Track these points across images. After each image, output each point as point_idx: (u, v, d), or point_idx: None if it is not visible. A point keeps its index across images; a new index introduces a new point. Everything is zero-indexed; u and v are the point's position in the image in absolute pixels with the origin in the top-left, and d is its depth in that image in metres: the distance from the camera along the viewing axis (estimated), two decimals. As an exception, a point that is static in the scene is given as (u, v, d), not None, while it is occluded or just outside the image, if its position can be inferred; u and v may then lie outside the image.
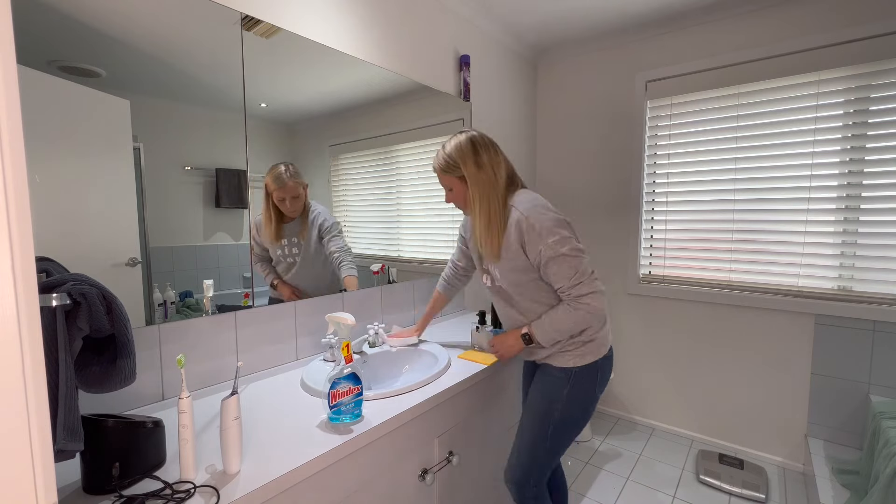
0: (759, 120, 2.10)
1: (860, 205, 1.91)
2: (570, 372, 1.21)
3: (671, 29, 2.27)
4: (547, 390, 1.24)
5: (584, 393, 1.22)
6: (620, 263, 2.56)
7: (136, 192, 1.05)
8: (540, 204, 1.18)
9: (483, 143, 1.21)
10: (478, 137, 1.22)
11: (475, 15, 2.13)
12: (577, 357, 1.21)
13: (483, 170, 1.19)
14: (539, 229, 1.13)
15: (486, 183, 1.19)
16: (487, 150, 1.21)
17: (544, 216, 1.14)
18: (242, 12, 1.23)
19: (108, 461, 0.74)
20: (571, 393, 1.21)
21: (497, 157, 1.22)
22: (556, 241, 1.12)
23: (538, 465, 1.25)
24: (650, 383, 2.54)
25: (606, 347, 1.24)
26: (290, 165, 1.39)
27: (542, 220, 1.14)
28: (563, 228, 1.14)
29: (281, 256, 1.41)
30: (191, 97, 1.14)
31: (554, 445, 1.24)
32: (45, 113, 0.90)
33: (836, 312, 1.96)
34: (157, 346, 1.10)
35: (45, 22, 0.90)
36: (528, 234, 1.14)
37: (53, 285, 0.70)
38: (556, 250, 1.12)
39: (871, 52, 1.83)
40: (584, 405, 1.24)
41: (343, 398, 0.98)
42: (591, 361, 1.21)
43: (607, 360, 1.25)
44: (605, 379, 1.26)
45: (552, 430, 1.22)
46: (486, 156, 1.20)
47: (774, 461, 2.17)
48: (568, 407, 1.21)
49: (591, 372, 1.22)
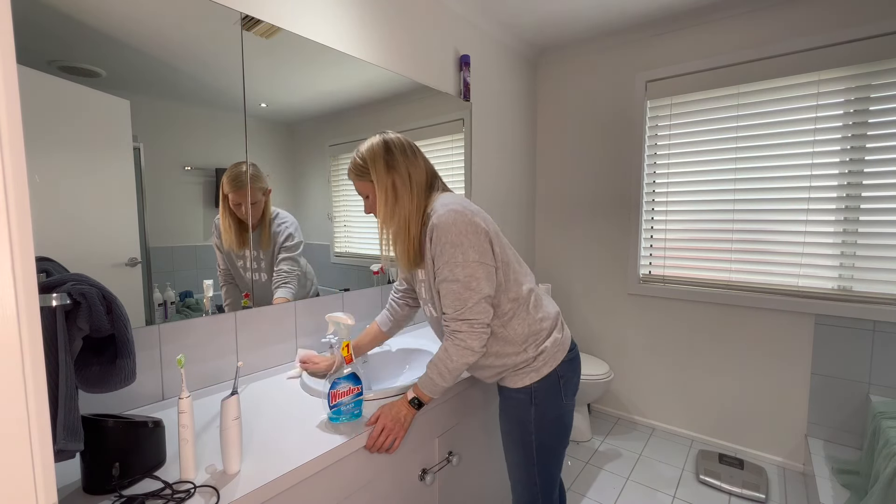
0: (759, 120, 2.10)
1: (860, 205, 1.91)
2: (530, 390, 1.10)
3: (671, 29, 2.27)
4: (514, 416, 1.14)
5: (554, 407, 1.12)
6: (620, 263, 2.56)
7: (136, 192, 1.06)
8: (454, 204, 1.02)
9: (398, 144, 1.07)
10: (392, 138, 1.08)
11: (475, 15, 2.13)
12: (532, 372, 1.10)
13: (395, 171, 1.05)
14: (444, 242, 0.99)
15: (399, 186, 1.05)
16: (403, 151, 1.07)
17: (453, 222, 0.99)
18: (242, 12, 1.23)
19: (108, 461, 0.74)
20: (539, 411, 1.11)
21: (415, 158, 1.08)
22: (457, 262, 0.98)
23: (540, 491, 1.17)
24: (650, 383, 2.54)
25: (564, 350, 1.13)
26: (252, 165, 1.27)
27: (447, 227, 0.99)
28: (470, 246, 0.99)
29: (243, 269, 1.27)
30: (191, 97, 1.14)
31: (545, 468, 1.16)
32: (45, 113, 0.90)
33: (836, 312, 1.96)
34: (157, 346, 1.10)
35: (45, 22, 0.90)
36: (434, 242, 1.01)
37: (53, 285, 0.70)
38: (452, 273, 0.98)
39: (871, 52, 1.83)
40: (559, 419, 1.14)
41: (343, 398, 0.98)
42: (549, 372, 1.10)
43: (568, 364, 1.14)
44: (571, 383, 1.15)
45: (537, 455, 1.14)
46: (402, 157, 1.06)
47: (774, 461, 2.17)
48: (542, 426, 1.12)
49: (552, 382, 1.11)
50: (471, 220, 1.01)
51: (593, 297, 2.69)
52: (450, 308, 1.01)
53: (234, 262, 1.26)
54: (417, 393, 1.05)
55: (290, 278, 1.40)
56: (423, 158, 1.11)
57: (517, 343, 1.09)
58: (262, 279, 1.33)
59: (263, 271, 1.33)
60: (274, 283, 1.36)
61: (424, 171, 1.10)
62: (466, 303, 0.99)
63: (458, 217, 1.00)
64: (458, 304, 1.00)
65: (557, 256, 2.81)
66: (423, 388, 1.04)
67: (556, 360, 1.12)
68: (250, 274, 1.30)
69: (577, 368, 1.19)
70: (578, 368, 1.19)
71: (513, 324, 1.08)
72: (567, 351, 1.15)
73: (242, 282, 1.28)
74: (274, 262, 1.35)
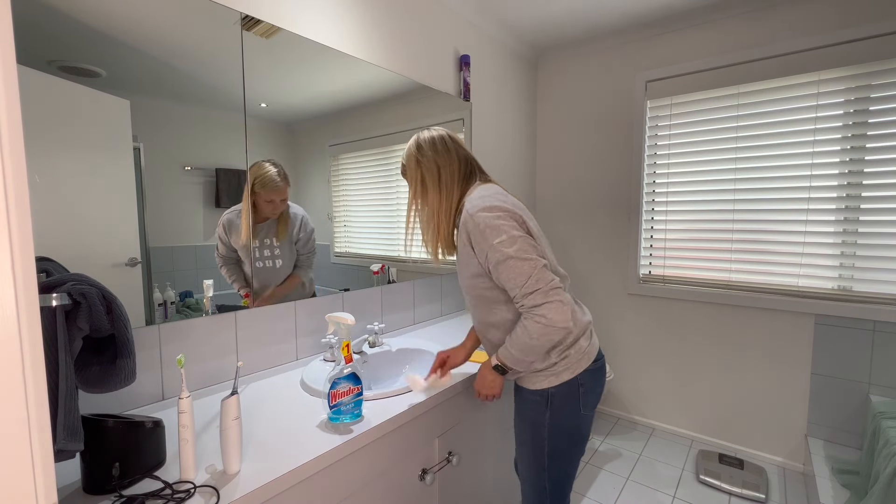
0: (759, 120, 2.10)
1: (860, 205, 1.91)
2: (547, 394, 1.08)
3: (671, 29, 2.27)
4: (528, 417, 1.13)
5: (570, 415, 1.09)
6: (620, 263, 2.56)
7: (136, 192, 1.05)
8: (489, 197, 1.04)
9: (428, 140, 1.13)
10: (424, 136, 1.15)
11: (475, 15, 2.13)
12: (551, 376, 1.07)
13: (423, 167, 1.12)
14: (483, 228, 1.00)
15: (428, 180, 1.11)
16: (433, 146, 1.12)
17: (490, 212, 1.00)
18: (242, 12, 1.23)
19: (108, 461, 0.74)
20: (553, 417, 1.08)
21: (446, 153, 1.12)
22: (502, 241, 0.98)
23: (549, 496, 1.14)
24: (650, 383, 2.54)
25: (589, 360, 1.10)
26: (279, 166, 1.35)
27: (486, 217, 1.00)
28: (509, 225, 1.00)
29: (257, 259, 1.32)
30: (191, 97, 1.14)
31: (555, 474, 1.13)
32: (45, 113, 0.90)
33: (836, 312, 1.96)
34: (157, 346, 1.10)
35: (45, 22, 0.90)
36: (474, 234, 1.02)
37: (53, 285, 0.70)
38: (502, 252, 0.98)
39: (871, 52, 1.83)
40: (574, 428, 1.11)
41: (343, 398, 0.98)
42: (569, 378, 1.07)
43: (592, 374, 1.10)
44: (592, 394, 1.12)
45: (548, 461, 1.11)
46: (431, 152, 1.12)
47: (774, 461, 2.17)
48: (555, 432, 1.09)
49: (572, 389, 1.08)
50: (503, 208, 1.02)
51: (593, 297, 2.68)
52: (515, 287, 0.98)
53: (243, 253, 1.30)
54: (500, 361, 1.06)
55: (311, 261, 1.51)
56: (457, 150, 1.16)
57: None
58: (277, 265, 1.39)
59: (279, 258, 1.39)
60: (296, 264, 1.45)
61: (457, 163, 1.14)
62: (530, 274, 0.96)
63: (492, 205, 1.02)
64: (522, 278, 0.97)
65: (558, 256, 2.80)
66: (505, 359, 1.05)
67: (580, 367, 1.08)
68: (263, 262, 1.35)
69: (601, 379, 1.15)
70: (602, 379, 1.15)
71: None
72: (592, 360, 1.11)
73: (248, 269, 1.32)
74: (291, 247, 1.43)
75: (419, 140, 1.15)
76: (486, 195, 1.05)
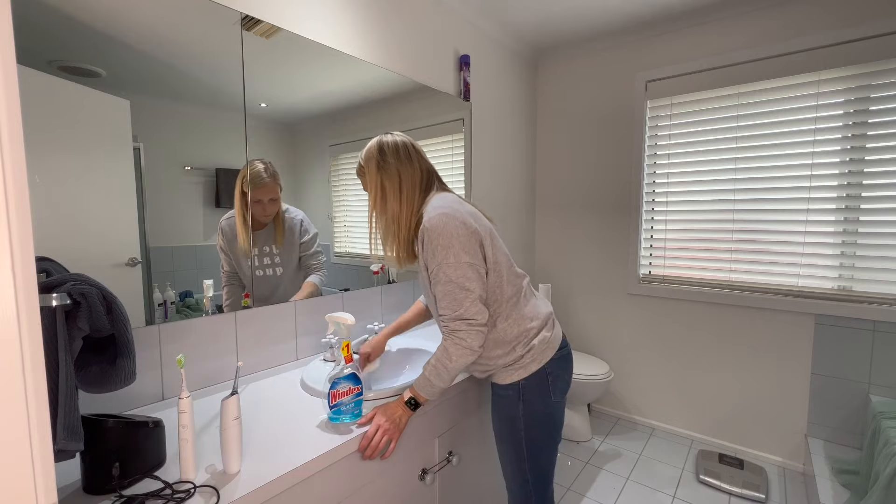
0: (759, 120, 2.10)
1: (860, 205, 1.91)
2: (518, 386, 1.11)
3: (671, 29, 2.27)
4: (503, 412, 1.15)
5: (542, 405, 1.12)
6: (620, 263, 2.56)
7: (136, 191, 1.05)
8: (444, 207, 1.03)
9: (391, 146, 1.10)
10: (387, 140, 1.11)
11: (475, 15, 2.13)
12: (520, 369, 1.10)
13: (384, 172, 1.08)
14: (435, 245, 1.00)
15: (388, 187, 1.08)
16: (396, 152, 1.09)
17: (443, 225, 1.00)
18: (242, 12, 1.23)
19: (108, 461, 0.74)
20: (526, 408, 1.12)
21: (408, 160, 1.10)
22: (449, 264, 0.99)
23: (532, 489, 1.17)
24: (650, 383, 2.54)
25: (554, 349, 1.13)
26: (269, 163, 1.32)
27: (437, 231, 1.00)
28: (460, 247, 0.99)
29: (257, 267, 1.29)
30: (191, 97, 1.14)
31: (536, 465, 1.16)
32: (45, 113, 0.90)
33: (836, 312, 1.96)
34: (157, 346, 1.10)
35: (45, 22, 0.90)
36: (427, 245, 1.02)
37: (53, 285, 0.70)
38: (446, 274, 1.00)
39: (871, 52, 1.83)
40: (548, 416, 1.14)
41: (343, 398, 0.98)
42: (537, 369, 1.10)
43: (558, 362, 1.14)
44: (560, 381, 1.15)
45: (527, 451, 1.14)
46: (393, 159, 1.09)
47: (774, 461, 2.17)
48: (530, 422, 1.12)
49: (541, 379, 1.11)
50: (461, 222, 1.02)
51: (593, 297, 2.69)
52: (447, 309, 1.02)
53: (242, 262, 1.27)
54: (414, 394, 1.05)
55: (321, 267, 1.50)
56: (419, 159, 1.13)
57: (506, 343, 1.10)
58: (278, 273, 1.37)
59: (279, 266, 1.37)
60: (308, 271, 1.46)
61: (419, 172, 1.12)
62: (463, 303, 1.01)
63: (448, 220, 1.01)
64: (455, 305, 1.01)
65: (558, 256, 2.81)
66: (419, 390, 1.04)
67: (545, 357, 1.12)
68: (263, 270, 1.33)
69: (568, 366, 1.19)
70: (569, 366, 1.19)
71: (502, 325, 1.10)
72: (557, 349, 1.15)
73: (247, 279, 1.29)
74: (291, 254, 1.40)
75: (381, 144, 1.10)
76: (441, 205, 1.05)
